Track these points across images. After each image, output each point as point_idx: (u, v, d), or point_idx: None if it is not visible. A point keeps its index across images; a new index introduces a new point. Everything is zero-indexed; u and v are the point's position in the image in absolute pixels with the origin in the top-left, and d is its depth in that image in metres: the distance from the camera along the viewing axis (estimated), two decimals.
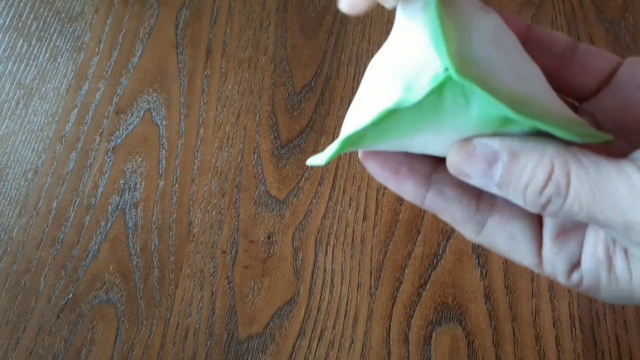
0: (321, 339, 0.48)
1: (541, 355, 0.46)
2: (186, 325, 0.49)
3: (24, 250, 0.52)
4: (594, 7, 0.64)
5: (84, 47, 0.63)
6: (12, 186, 0.55)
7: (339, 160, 0.55)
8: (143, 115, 0.58)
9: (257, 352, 0.48)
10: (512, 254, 0.21)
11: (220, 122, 0.58)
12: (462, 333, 0.48)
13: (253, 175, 0.55)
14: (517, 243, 0.21)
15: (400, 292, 0.49)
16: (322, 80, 0.60)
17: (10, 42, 0.63)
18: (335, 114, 0.58)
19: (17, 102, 0.60)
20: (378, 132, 0.19)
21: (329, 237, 0.52)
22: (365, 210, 0.53)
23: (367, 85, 0.20)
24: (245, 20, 0.64)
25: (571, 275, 0.20)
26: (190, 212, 0.53)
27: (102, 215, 0.53)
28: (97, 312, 0.49)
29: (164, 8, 0.65)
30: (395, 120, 0.18)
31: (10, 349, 0.48)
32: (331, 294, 0.50)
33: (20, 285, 0.51)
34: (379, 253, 0.51)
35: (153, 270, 0.51)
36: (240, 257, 0.51)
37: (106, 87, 0.60)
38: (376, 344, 0.48)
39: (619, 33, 0.62)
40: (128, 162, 0.56)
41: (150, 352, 0.48)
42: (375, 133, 0.19)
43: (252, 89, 0.60)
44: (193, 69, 0.61)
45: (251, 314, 0.49)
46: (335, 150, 0.19)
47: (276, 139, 0.57)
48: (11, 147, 0.57)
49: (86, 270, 0.51)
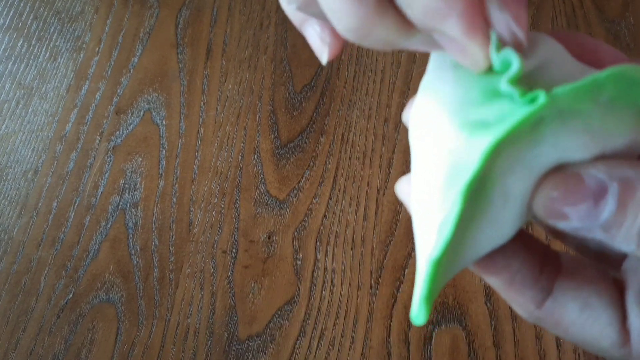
0: (321, 338, 0.48)
1: (541, 355, 0.46)
2: (186, 325, 0.49)
3: (24, 250, 0.52)
4: (595, 6, 0.64)
5: (84, 47, 0.62)
6: (12, 186, 0.55)
7: (339, 160, 0.55)
8: (143, 115, 0.58)
9: (257, 352, 0.48)
10: (586, 329, 0.17)
11: (221, 122, 0.58)
12: (462, 333, 0.48)
13: (253, 175, 0.55)
14: (592, 313, 0.16)
15: (401, 292, 0.49)
16: (323, 80, 0.60)
17: (10, 42, 0.63)
18: (335, 114, 0.58)
19: (17, 102, 0.60)
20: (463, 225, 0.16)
21: (329, 237, 0.52)
22: (366, 210, 0.53)
23: (424, 154, 0.17)
24: (246, 19, 0.64)
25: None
26: (191, 212, 0.53)
27: (102, 215, 0.53)
28: (97, 312, 0.49)
29: (164, 8, 0.65)
30: (480, 193, 0.15)
31: (10, 349, 0.48)
32: (331, 293, 0.50)
33: (20, 285, 0.51)
34: (380, 253, 0.51)
35: (153, 270, 0.51)
36: (241, 257, 0.51)
37: (106, 87, 0.60)
38: (376, 343, 0.47)
39: (620, 33, 0.62)
40: (128, 162, 0.56)
41: (150, 352, 0.48)
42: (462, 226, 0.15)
43: (252, 89, 0.60)
44: (193, 68, 0.61)
45: (251, 314, 0.49)
46: (427, 286, 0.16)
47: (276, 139, 0.57)
48: (11, 147, 0.57)
49: (86, 270, 0.51)
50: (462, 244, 0.16)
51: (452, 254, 0.16)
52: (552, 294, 0.17)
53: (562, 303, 0.17)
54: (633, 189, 0.14)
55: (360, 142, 0.56)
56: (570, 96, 0.14)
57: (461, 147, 0.15)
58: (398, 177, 0.54)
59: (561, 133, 0.15)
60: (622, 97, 0.15)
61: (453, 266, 0.17)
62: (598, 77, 0.14)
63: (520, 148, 0.15)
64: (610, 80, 0.14)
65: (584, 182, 0.15)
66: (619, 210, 0.14)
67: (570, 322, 0.17)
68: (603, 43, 0.18)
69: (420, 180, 0.17)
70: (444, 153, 0.16)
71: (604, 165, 0.15)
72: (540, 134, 0.15)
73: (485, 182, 0.15)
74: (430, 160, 0.16)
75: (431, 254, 0.15)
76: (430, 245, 0.16)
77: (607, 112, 0.15)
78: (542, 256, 0.18)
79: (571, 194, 0.15)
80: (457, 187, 0.15)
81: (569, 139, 0.15)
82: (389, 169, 0.55)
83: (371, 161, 0.55)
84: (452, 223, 0.15)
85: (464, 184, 0.15)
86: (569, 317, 0.17)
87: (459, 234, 0.15)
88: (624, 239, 0.15)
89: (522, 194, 0.16)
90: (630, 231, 0.14)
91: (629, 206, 0.14)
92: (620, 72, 0.14)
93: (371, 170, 0.55)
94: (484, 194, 0.15)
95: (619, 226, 0.14)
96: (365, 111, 0.58)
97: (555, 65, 0.16)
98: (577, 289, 0.17)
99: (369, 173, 0.54)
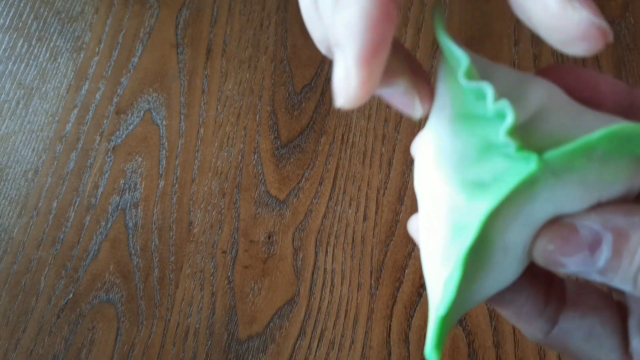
0: (321, 339, 0.48)
1: (542, 355, 0.46)
2: (186, 325, 0.49)
3: (24, 250, 0.52)
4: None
5: (84, 47, 0.62)
6: (12, 186, 0.55)
7: (339, 160, 0.55)
8: (143, 115, 0.58)
9: (257, 352, 0.48)
10: (591, 356, 0.18)
11: (221, 122, 0.58)
12: (462, 333, 0.48)
13: (253, 175, 0.55)
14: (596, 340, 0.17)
15: (401, 292, 0.49)
16: (323, 80, 0.60)
17: (10, 42, 0.63)
18: (335, 114, 0.58)
19: (17, 102, 0.60)
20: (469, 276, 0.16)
21: (329, 237, 0.52)
22: (366, 210, 0.53)
23: (429, 199, 0.18)
24: (246, 20, 0.64)
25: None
26: (191, 212, 0.53)
27: (102, 215, 0.53)
28: (97, 312, 0.49)
29: (164, 8, 0.65)
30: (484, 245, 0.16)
31: (10, 349, 0.48)
32: (331, 294, 0.50)
33: (20, 285, 0.51)
34: (380, 253, 0.51)
35: (153, 270, 0.51)
36: (241, 257, 0.51)
37: (106, 87, 0.60)
38: (377, 344, 0.47)
39: (620, 33, 0.62)
40: (128, 162, 0.56)
41: (150, 352, 0.48)
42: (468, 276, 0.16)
43: (252, 89, 0.60)
44: (193, 69, 0.61)
45: (251, 314, 0.49)
46: (436, 336, 0.16)
47: (276, 139, 0.57)
48: (11, 147, 0.57)
49: (86, 270, 0.51)
50: (467, 292, 0.17)
51: (458, 304, 0.16)
52: (558, 323, 0.18)
53: (567, 332, 0.17)
54: (626, 237, 0.15)
55: (360, 142, 0.56)
56: (562, 158, 0.15)
57: (461, 207, 0.16)
58: (398, 177, 0.54)
59: (556, 188, 0.16)
60: (617, 151, 0.15)
61: (461, 309, 0.17)
62: (590, 139, 0.15)
63: (516, 206, 0.16)
64: (604, 140, 0.15)
65: (579, 234, 0.15)
66: (614, 258, 0.15)
67: (576, 348, 0.17)
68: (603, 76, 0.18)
69: (426, 227, 0.18)
70: (446, 209, 0.16)
71: (598, 216, 0.15)
72: (535, 192, 0.16)
73: (485, 241, 0.16)
74: (433, 213, 0.17)
75: (438, 310, 0.16)
76: (437, 296, 0.17)
77: (602, 164, 0.16)
78: (547, 286, 0.18)
79: (567, 245, 0.15)
80: (458, 247, 0.16)
81: (564, 193, 0.16)
82: (389, 169, 0.55)
83: (371, 161, 0.55)
84: (454, 285, 0.16)
85: (463, 251, 0.15)
86: (574, 345, 0.17)
87: (463, 288, 0.16)
88: (621, 281, 0.15)
89: (522, 245, 0.16)
90: (627, 275, 0.15)
91: (624, 253, 0.15)
92: (613, 132, 0.15)
93: (371, 170, 0.55)
94: (484, 251, 0.16)
95: (615, 271, 0.15)
96: (365, 111, 0.58)
97: (552, 112, 0.16)
98: (581, 318, 0.17)
99: (369, 173, 0.54)
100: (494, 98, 0.15)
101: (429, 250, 0.18)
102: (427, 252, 0.18)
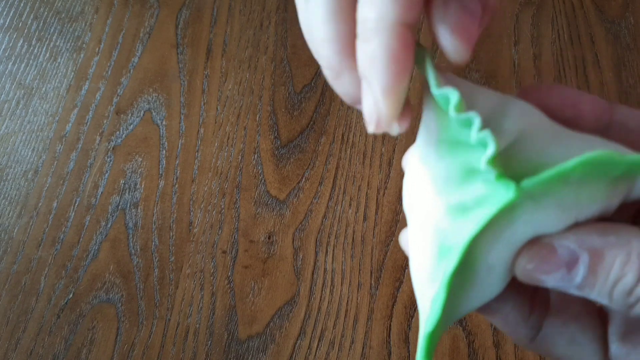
0: (321, 339, 0.48)
1: (541, 355, 0.46)
2: (186, 325, 0.49)
3: (24, 250, 0.52)
4: (595, 6, 0.64)
5: (84, 47, 0.62)
6: (12, 186, 0.55)
7: (339, 160, 0.55)
8: (143, 115, 0.58)
9: (257, 352, 0.48)
10: None
11: (221, 122, 0.58)
12: (462, 333, 0.48)
13: (253, 175, 0.55)
14: (578, 347, 0.18)
15: (401, 292, 0.49)
16: (323, 80, 0.60)
17: (10, 42, 0.63)
18: (335, 114, 0.58)
19: (17, 102, 0.60)
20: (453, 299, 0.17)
21: (329, 237, 0.52)
22: (366, 210, 0.53)
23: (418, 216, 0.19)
24: (246, 20, 0.64)
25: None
26: (191, 212, 0.53)
27: (102, 215, 0.53)
28: (97, 312, 0.49)
29: (164, 8, 0.65)
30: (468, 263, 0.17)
31: (10, 349, 0.48)
32: (331, 294, 0.50)
33: (20, 285, 0.51)
34: (380, 253, 0.51)
35: (153, 270, 0.51)
36: (241, 257, 0.51)
37: (106, 87, 0.60)
38: (377, 344, 0.47)
39: (619, 33, 0.62)
40: (128, 162, 0.56)
41: (150, 352, 0.48)
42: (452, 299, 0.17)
43: (252, 89, 0.60)
44: (193, 68, 0.61)
45: (251, 314, 0.49)
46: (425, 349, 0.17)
47: (276, 139, 0.57)
48: (11, 147, 0.57)
49: (86, 270, 0.51)
50: (454, 306, 0.18)
51: (445, 318, 0.17)
52: (542, 330, 0.19)
53: (551, 338, 0.19)
54: (602, 257, 0.16)
55: (360, 142, 0.56)
56: (539, 186, 0.16)
57: (446, 228, 0.17)
58: (398, 177, 0.54)
59: (535, 212, 0.16)
60: (592, 175, 0.16)
61: (448, 322, 0.18)
62: (565, 167, 0.15)
63: (498, 229, 0.16)
64: (578, 167, 0.15)
65: (557, 253, 0.16)
66: (590, 275, 0.16)
67: (559, 353, 0.19)
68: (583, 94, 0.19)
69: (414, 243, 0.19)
70: (432, 231, 0.17)
71: (575, 236, 0.16)
72: (515, 215, 0.16)
73: (469, 261, 0.17)
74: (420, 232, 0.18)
75: (426, 326, 0.17)
76: (425, 311, 0.18)
77: (578, 188, 0.16)
78: (531, 296, 0.19)
79: (546, 264, 0.16)
80: (444, 267, 0.17)
81: (542, 216, 0.16)
82: (389, 169, 0.55)
83: (371, 161, 0.55)
84: (440, 304, 0.17)
85: (448, 272, 0.16)
86: (558, 350, 0.19)
87: (449, 304, 0.17)
88: (598, 296, 0.16)
89: (504, 263, 0.17)
90: (603, 290, 0.16)
91: (599, 271, 0.16)
92: (587, 160, 0.15)
93: (371, 170, 0.55)
94: (469, 270, 0.17)
95: (592, 287, 0.16)
96: None
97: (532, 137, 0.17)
98: (563, 326, 0.18)
99: (369, 173, 0.54)
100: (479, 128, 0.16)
101: (417, 268, 0.19)
102: (416, 269, 0.19)
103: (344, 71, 0.16)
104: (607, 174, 0.16)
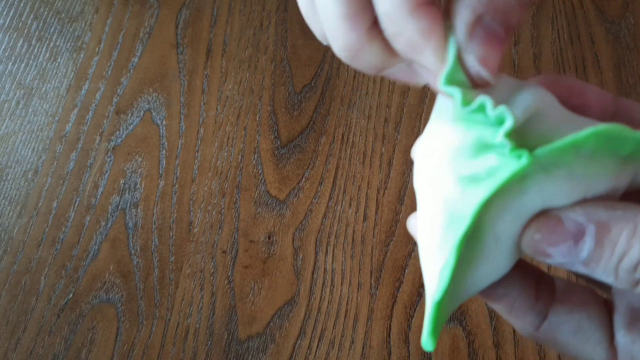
0: (321, 339, 0.48)
1: (542, 356, 0.46)
2: (186, 325, 0.49)
3: (24, 250, 0.52)
4: (595, 6, 0.64)
5: (84, 47, 0.62)
6: (12, 186, 0.55)
7: (339, 160, 0.55)
8: (143, 115, 0.58)
9: (257, 352, 0.48)
10: (579, 348, 0.19)
11: (221, 122, 0.58)
12: (462, 333, 0.48)
13: (253, 175, 0.55)
14: (584, 334, 0.18)
15: (401, 292, 0.49)
16: (323, 80, 0.60)
17: (10, 42, 0.63)
18: (335, 114, 0.58)
19: (17, 102, 0.60)
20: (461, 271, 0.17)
21: (329, 237, 0.52)
22: (366, 210, 0.53)
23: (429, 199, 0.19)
24: (246, 20, 0.64)
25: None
26: (191, 212, 0.53)
27: (102, 215, 0.53)
28: (97, 312, 0.49)
29: (164, 8, 0.65)
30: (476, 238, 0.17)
31: (10, 349, 0.48)
32: (331, 294, 0.50)
33: (20, 285, 0.51)
34: (380, 253, 0.51)
35: (153, 270, 0.51)
36: (241, 257, 0.51)
37: (106, 87, 0.60)
38: (376, 344, 0.47)
39: (619, 33, 0.62)
40: (128, 162, 0.56)
41: (150, 352, 0.48)
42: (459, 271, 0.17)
43: (252, 89, 0.60)
44: (193, 68, 0.61)
45: (251, 314, 0.49)
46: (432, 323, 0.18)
47: (276, 139, 0.57)
48: (11, 147, 0.57)
49: (86, 270, 0.51)
50: (462, 282, 0.18)
51: (453, 292, 0.18)
52: (547, 317, 0.19)
53: (556, 326, 0.19)
54: (608, 229, 0.16)
55: (360, 142, 0.56)
56: (551, 154, 0.16)
57: (457, 198, 0.17)
58: (398, 177, 0.54)
59: (545, 182, 0.17)
60: (603, 149, 0.16)
61: (455, 300, 0.19)
62: (578, 136, 0.16)
63: (508, 199, 0.17)
64: (591, 138, 0.16)
65: (564, 225, 0.16)
66: (596, 248, 0.16)
67: (564, 342, 0.19)
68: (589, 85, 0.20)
69: (423, 222, 0.19)
70: (442, 202, 0.18)
71: (582, 209, 0.16)
72: (525, 185, 0.17)
73: (478, 230, 0.17)
74: (430, 206, 0.18)
75: (434, 296, 0.17)
76: (433, 285, 0.18)
77: (588, 161, 0.17)
78: (537, 283, 0.19)
79: (553, 235, 0.16)
80: (453, 235, 0.17)
81: (552, 187, 0.17)
82: (389, 169, 0.55)
83: (371, 161, 0.55)
84: (449, 270, 0.17)
85: (457, 237, 0.17)
86: (563, 339, 0.19)
87: (457, 276, 0.17)
88: (603, 272, 0.16)
89: (512, 236, 0.18)
90: (608, 266, 0.16)
91: (605, 244, 0.16)
92: (600, 131, 0.16)
93: (371, 170, 0.55)
94: (477, 239, 0.17)
95: (597, 262, 0.16)
96: (365, 111, 0.58)
97: (545, 116, 0.17)
98: (569, 313, 0.19)
99: (369, 173, 0.54)
100: (493, 106, 0.16)
101: (426, 243, 0.19)
102: (425, 245, 0.19)
103: (364, 46, 0.17)
104: (616, 150, 0.17)
